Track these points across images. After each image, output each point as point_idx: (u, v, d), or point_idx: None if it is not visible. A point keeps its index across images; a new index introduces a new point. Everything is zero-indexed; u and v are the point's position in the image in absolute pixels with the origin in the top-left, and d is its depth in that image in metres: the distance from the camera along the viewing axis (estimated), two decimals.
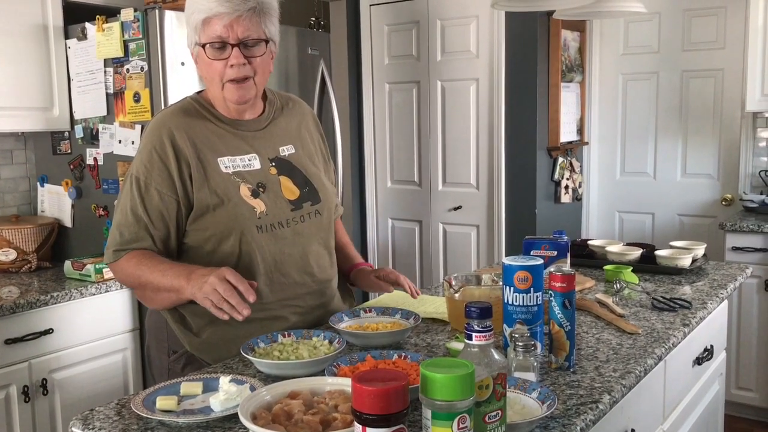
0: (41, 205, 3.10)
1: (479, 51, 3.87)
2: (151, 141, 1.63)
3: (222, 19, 1.56)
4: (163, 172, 1.61)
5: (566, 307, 1.37)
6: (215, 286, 1.44)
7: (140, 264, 1.60)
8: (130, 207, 1.62)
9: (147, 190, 1.61)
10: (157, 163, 1.61)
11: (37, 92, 2.81)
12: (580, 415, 1.18)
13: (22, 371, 2.35)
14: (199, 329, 1.65)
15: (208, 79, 1.65)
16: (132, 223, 1.62)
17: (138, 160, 1.64)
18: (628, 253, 2.25)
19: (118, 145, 2.75)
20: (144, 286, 1.62)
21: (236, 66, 1.59)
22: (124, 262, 1.63)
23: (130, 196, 1.63)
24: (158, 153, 1.61)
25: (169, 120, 1.65)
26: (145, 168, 1.62)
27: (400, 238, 4.34)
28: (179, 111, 1.68)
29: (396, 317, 1.66)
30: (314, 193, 1.74)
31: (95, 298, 2.54)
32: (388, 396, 0.86)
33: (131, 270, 1.61)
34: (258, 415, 1.09)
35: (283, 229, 1.66)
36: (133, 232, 1.62)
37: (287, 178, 1.71)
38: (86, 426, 1.20)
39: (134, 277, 1.62)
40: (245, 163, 1.66)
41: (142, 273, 1.59)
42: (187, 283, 1.51)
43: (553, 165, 3.91)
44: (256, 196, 1.64)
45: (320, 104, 3.41)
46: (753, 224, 3.28)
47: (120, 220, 1.64)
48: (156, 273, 1.57)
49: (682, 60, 3.89)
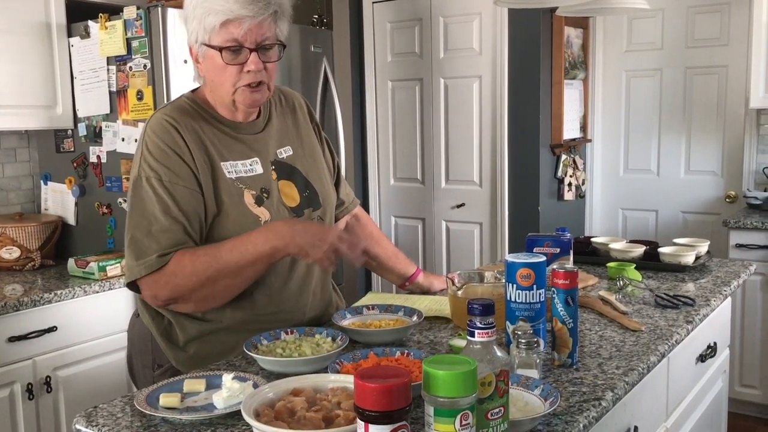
0: (45, 203, 3.10)
1: (482, 48, 3.86)
2: (161, 138, 1.51)
3: (243, 22, 1.47)
4: (184, 169, 1.50)
5: (569, 304, 1.37)
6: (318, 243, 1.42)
7: (204, 254, 1.45)
8: (161, 210, 1.47)
9: (174, 188, 1.48)
10: (175, 158, 1.50)
11: (40, 90, 2.81)
12: (582, 412, 1.17)
13: (26, 369, 2.36)
14: (186, 343, 1.58)
15: (218, 82, 1.54)
16: (167, 227, 1.47)
17: (148, 160, 1.51)
18: (632, 250, 2.24)
19: (121, 143, 2.75)
20: (217, 277, 1.45)
21: (253, 72, 1.51)
22: (176, 264, 1.45)
23: (156, 199, 1.48)
24: (173, 149, 1.50)
25: (172, 118, 1.54)
26: (162, 166, 1.49)
27: (403, 235, 4.34)
28: (178, 110, 1.57)
29: (399, 314, 1.66)
30: (314, 198, 1.68)
31: (99, 296, 2.55)
32: (391, 393, 0.86)
33: (195, 266, 1.44)
34: (261, 412, 1.09)
35: None
36: (170, 237, 1.47)
37: (287, 182, 1.65)
38: (90, 423, 1.20)
39: (203, 271, 1.44)
40: (247, 168, 1.59)
41: (213, 260, 1.44)
42: (290, 230, 1.45)
43: (556, 162, 3.90)
44: (260, 203, 1.57)
45: (323, 102, 3.41)
46: (757, 221, 3.27)
47: (148, 227, 1.47)
48: (232, 252, 1.45)
49: (686, 57, 3.88)
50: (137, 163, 1.54)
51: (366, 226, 1.97)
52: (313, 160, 1.74)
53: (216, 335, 1.59)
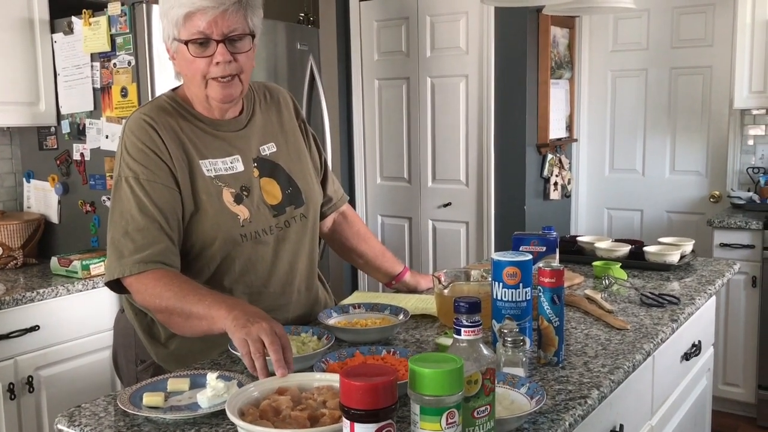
0: (27, 201, 3.07)
1: (469, 47, 3.87)
2: (138, 137, 1.51)
3: (206, 13, 1.44)
4: (162, 167, 1.49)
5: (555, 303, 1.37)
6: (263, 334, 1.24)
7: (170, 284, 1.42)
8: (137, 208, 1.46)
9: (152, 186, 1.47)
10: (153, 158, 1.49)
11: (23, 86, 2.78)
12: (568, 410, 1.17)
13: (7, 369, 2.33)
14: (167, 339, 1.58)
15: (189, 77, 1.53)
16: (143, 225, 1.45)
17: (126, 160, 1.50)
18: (617, 249, 2.25)
19: (105, 140, 2.73)
20: (171, 311, 1.42)
21: (222, 64, 1.47)
22: (150, 279, 1.44)
23: (133, 198, 1.47)
24: (150, 148, 1.50)
25: (149, 117, 1.53)
26: (140, 165, 1.49)
27: (389, 234, 4.34)
28: (156, 109, 1.56)
29: (385, 313, 1.65)
30: (297, 195, 1.66)
31: (81, 295, 2.52)
32: (377, 391, 0.86)
33: (159, 290, 1.42)
34: (246, 411, 1.08)
35: (267, 236, 1.59)
36: (146, 236, 1.45)
37: (269, 180, 1.63)
38: (72, 423, 1.19)
39: (161, 299, 1.42)
40: (227, 166, 1.57)
41: (173, 294, 1.40)
42: (227, 314, 1.31)
43: (542, 162, 3.91)
44: (240, 201, 1.55)
45: (309, 100, 3.40)
46: (741, 221, 3.30)
47: (125, 227, 1.46)
48: (190, 296, 1.39)
49: (671, 57, 3.91)
50: (117, 164, 1.54)
51: (353, 223, 1.97)
52: (297, 156, 1.72)
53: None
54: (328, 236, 1.95)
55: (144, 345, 1.60)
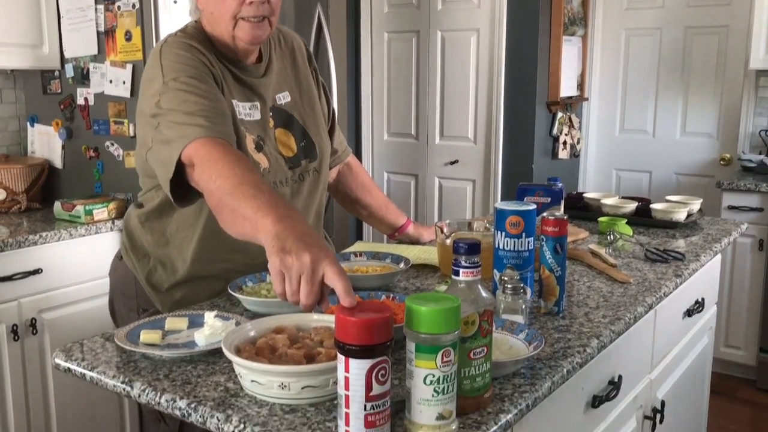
0: (31, 146, 3.05)
1: (480, 0, 3.78)
2: (182, 51, 1.41)
3: None
4: (209, 76, 1.40)
5: (557, 252, 1.35)
6: (303, 272, 1.00)
7: (234, 165, 1.21)
8: (195, 94, 1.33)
9: (206, 82, 1.37)
10: (201, 68, 1.40)
11: (27, 28, 2.73)
12: (567, 358, 1.17)
13: (11, 310, 2.34)
14: (172, 287, 1.55)
15: (217, 15, 1.45)
16: (208, 106, 1.32)
17: (169, 67, 1.38)
18: (624, 205, 2.22)
19: (109, 85, 2.70)
20: (222, 196, 1.19)
21: (256, 3, 1.41)
22: (220, 151, 1.25)
23: (189, 88, 1.34)
24: (197, 58, 1.41)
25: (188, 38, 1.45)
26: (188, 67, 1.38)
27: (395, 191, 4.31)
28: (190, 37, 1.47)
29: (386, 261, 1.64)
30: (311, 149, 1.63)
31: (84, 240, 2.52)
32: (372, 327, 0.85)
33: (220, 166, 1.21)
34: (242, 349, 1.07)
35: (283, 187, 1.56)
36: (217, 111, 1.33)
37: (284, 131, 1.59)
38: (69, 357, 1.19)
39: (221, 177, 1.19)
40: (247, 112, 1.51)
41: (232, 175, 1.18)
42: (272, 226, 1.06)
43: (552, 120, 3.86)
44: (260, 149, 1.51)
45: (316, 51, 3.35)
46: (750, 183, 3.26)
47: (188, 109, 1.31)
48: (245, 187, 1.16)
49: (687, 16, 3.82)
50: (157, 77, 1.39)
51: (358, 174, 1.94)
52: (311, 108, 1.68)
53: (204, 281, 1.57)
54: (333, 187, 1.93)
55: (146, 293, 1.58)
